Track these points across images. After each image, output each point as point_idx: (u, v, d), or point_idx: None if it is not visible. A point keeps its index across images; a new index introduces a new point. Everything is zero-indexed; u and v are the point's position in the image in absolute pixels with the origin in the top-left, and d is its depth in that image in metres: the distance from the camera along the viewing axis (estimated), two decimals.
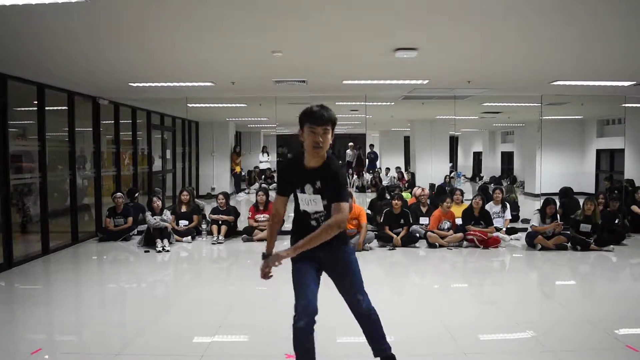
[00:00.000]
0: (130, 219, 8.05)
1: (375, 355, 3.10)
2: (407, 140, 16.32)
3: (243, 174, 15.67)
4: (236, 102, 9.54)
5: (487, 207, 7.89)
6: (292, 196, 2.97)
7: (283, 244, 3.16)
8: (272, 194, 8.38)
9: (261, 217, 8.06)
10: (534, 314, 4.42)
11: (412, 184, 12.80)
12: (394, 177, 14.98)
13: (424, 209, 8.20)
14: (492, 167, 17.65)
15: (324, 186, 2.76)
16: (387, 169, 16.12)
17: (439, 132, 13.49)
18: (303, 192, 2.82)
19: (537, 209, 7.46)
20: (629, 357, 3.46)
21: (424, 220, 7.98)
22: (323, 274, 3.06)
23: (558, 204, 7.98)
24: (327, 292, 3.15)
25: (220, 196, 8.32)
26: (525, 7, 3.73)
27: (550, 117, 10.71)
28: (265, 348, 3.52)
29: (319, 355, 3.09)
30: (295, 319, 2.86)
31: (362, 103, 9.33)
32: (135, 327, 4.10)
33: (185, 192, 8.34)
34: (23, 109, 6.97)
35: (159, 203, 7.73)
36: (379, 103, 9.69)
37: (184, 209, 8.20)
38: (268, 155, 17.03)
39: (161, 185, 11.03)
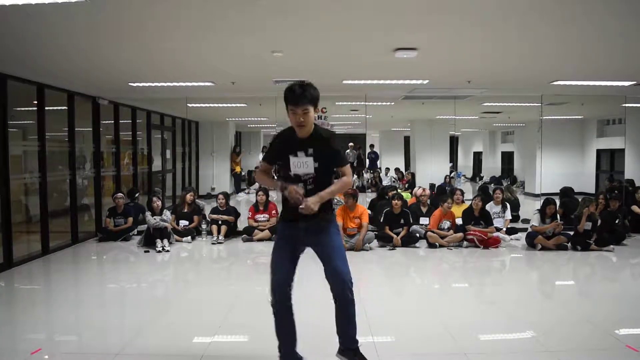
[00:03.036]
0: (130, 219, 8.05)
1: (341, 344, 3.07)
2: (407, 140, 16.32)
3: (243, 174, 15.66)
4: (236, 102, 9.54)
5: (487, 207, 7.88)
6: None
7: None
8: (272, 194, 8.40)
9: (261, 217, 8.06)
10: (534, 314, 4.41)
11: (412, 184, 12.79)
12: (394, 178, 14.98)
13: (424, 209, 8.19)
14: (492, 167, 17.65)
15: (318, 153, 2.94)
16: (387, 169, 16.12)
17: (439, 132, 13.49)
18: (295, 155, 2.96)
19: (537, 209, 7.45)
20: (629, 357, 3.46)
21: (424, 221, 7.98)
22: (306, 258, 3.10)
23: (558, 203, 7.98)
24: (327, 292, 3.15)
25: (220, 196, 8.32)
26: (526, 6, 3.73)
27: (550, 117, 10.72)
28: (265, 348, 3.51)
29: (319, 356, 3.08)
30: (270, 297, 2.99)
31: (362, 103, 9.33)
32: (135, 327, 4.10)
33: (191, 193, 8.35)
34: (23, 108, 6.97)
35: (159, 203, 7.73)
36: (379, 103, 9.69)
37: (186, 209, 8.21)
38: None
39: (161, 185, 11.03)
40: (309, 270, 3.31)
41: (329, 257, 2.98)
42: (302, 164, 2.95)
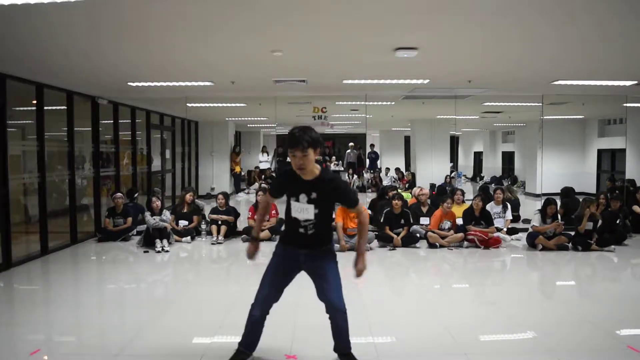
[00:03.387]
0: (129, 219, 8.04)
1: (335, 350, 3.29)
2: (407, 140, 16.31)
3: (243, 174, 15.66)
4: (236, 102, 9.53)
5: (487, 207, 7.88)
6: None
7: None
8: None
9: None
10: (534, 314, 4.40)
11: (412, 184, 12.78)
12: (394, 178, 14.98)
13: (424, 209, 8.19)
14: (492, 167, 17.63)
15: (322, 196, 2.98)
16: (387, 169, 16.11)
17: (439, 132, 13.48)
18: (297, 200, 3.00)
19: (538, 209, 7.44)
20: (629, 357, 3.45)
21: (424, 221, 7.97)
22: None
23: (559, 203, 7.97)
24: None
25: (220, 196, 8.31)
26: (526, 6, 3.72)
27: (551, 117, 10.70)
28: (264, 348, 3.50)
29: (319, 356, 3.08)
30: (253, 306, 3.16)
31: (362, 103, 9.32)
32: (135, 327, 4.09)
33: (191, 193, 8.34)
34: (22, 108, 6.96)
35: (159, 203, 7.72)
36: (379, 103, 9.67)
37: (185, 209, 8.20)
38: (268, 155, 17.02)
39: (160, 185, 11.02)
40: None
41: (324, 289, 3.12)
42: (303, 209, 2.99)
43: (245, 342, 3.27)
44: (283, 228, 3.24)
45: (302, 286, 3.30)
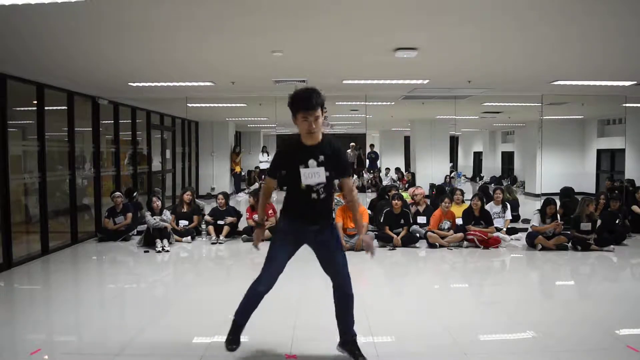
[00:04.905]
0: (129, 215, 8.04)
1: (340, 336, 3.31)
2: (407, 140, 16.31)
3: (243, 174, 15.66)
4: (236, 102, 9.53)
5: (487, 207, 7.88)
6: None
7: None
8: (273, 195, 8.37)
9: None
10: (534, 314, 4.41)
11: (412, 184, 12.80)
12: (393, 178, 14.99)
13: (420, 208, 8.20)
14: (492, 167, 17.64)
15: (327, 159, 3.01)
16: (387, 169, 16.11)
17: (439, 132, 13.49)
18: (306, 166, 3.01)
19: (538, 209, 7.45)
20: (629, 357, 3.45)
21: (421, 220, 7.99)
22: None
23: (559, 204, 7.98)
24: (327, 293, 3.15)
25: (220, 196, 8.31)
26: (526, 6, 3.73)
27: (550, 117, 10.71)
28: (265, 348, 3.51)
29: (319, 356, 3.08)
30: (257, 281, 3.16)
31: (362, 103, 9.33)
32: (135, 327, 4.09)
33: (188, 192, 8.34)
34: (22, 108, 6.97)
35: (159, 203, 7.72)
36: (379, 103, 9.68)
37: (185, 209, 8.20)
38: (268, 155, 17.00)
39: (161, 185, 11.03)
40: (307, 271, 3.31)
41: (332, 268, 3.19)
42: (314, 174, 3.01)
43: (241, 312, 3.24)
44: (286, 205, 3.22)
45: (302, 286, 3.31)
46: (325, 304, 4.13)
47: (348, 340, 3.28)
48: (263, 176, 16.51)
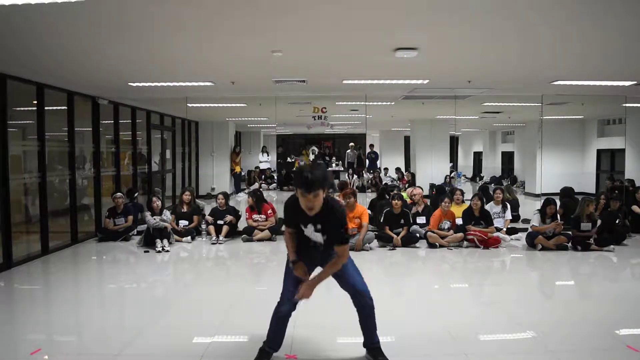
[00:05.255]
0: (130, 217, 8.05)
1: (364, 345, 3.42)
2: (407, 140, 16.32)
3: (243, 174, 15.67)
4: (236, 102, 9.54)
5: (487, 207, 7.88)
6: None
7: (284, 243, 3.15)
8: (267, 194, 8.42)
9: (258, 217, 8.06)
10: (534, 314, 4.41)
11: (412, 184, 12.80)
12: (392, 178, 14.99)
13: (419, 209, 8.21)
14: (492, 167, 17.65)
15: (325, 227, 3.13)
16: (386, 169, 16.12)
17: (439, 132, 13.50)
18: (306, 227, 3.19)
19: (538, 209, 7.45)
20: (629, 357, 3.45)
21: (420, 220, 8.00)
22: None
23: (559, 204, 7.98)
24: (326, 293, 3.15)
25: (220, 196, 8.31)
26: (526, 6, 3.73)
27: (550, 117, 10.71)
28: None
29: (319, 356, 3.08)
30: (280, 303, 3.28)
31: (362, 103, 9.33)
32: (135, 327, 4.09)
33: (187, 192, 8.34)
34: (22, 108, 6.97)
35: (159, 203, 7.73)
36: (379, 103, 9.68)
37: (184, 209, 8.20)
38: (268, 155, 17.04)
39: (161, 185, 11.03)
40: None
41: (344, 278, 3.29)
42: (312, 234, 3.18)
43: (272, 339, 3.32)
44: (297, 241, 3.31)
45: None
46: (325, 303, 4.13)
47: (371, 347, 3.38)
48: (263, 176, 16.55)
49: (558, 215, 7.38)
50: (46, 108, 6.90)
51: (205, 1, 3.57)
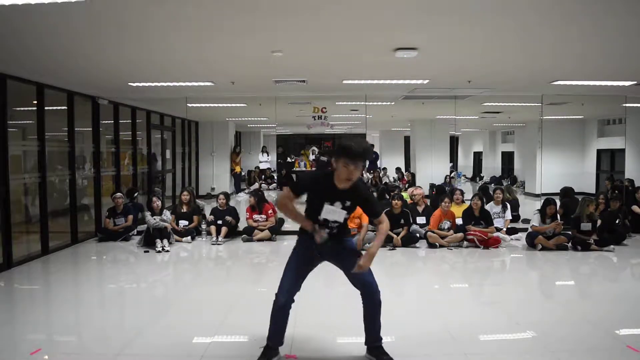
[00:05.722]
0: (130, 217, 8.05)
1: (366, 342, 3.40)
2: (407, 140, 16.32)
3: (243, 174, 15.67)
4: (236, 102, 9.54)
5: (487, 207, 7.88)
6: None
7: (284, 243, 3.15)
8: (267, 194, 8.42)
9: (258, 217, 8.06)
10: (534, 314, 4.41)
11: (412, 184, 12.80)
12: (393, 178, 14.98)
13: (419, 208, 8.20)
14: (492, 167, 17.65)
15: (353, 205, 3.20)
16: (385, 169, 16.10)
17: (439, 132, 13.49)
18: (332, 204, 3.16)
19: (538, 209, 7.45)
20: (629, 357, 3.45)
21: (420, 220, 7.99)
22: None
23: (559, 204, 7.98)
24: (327, 292, 3.14)
25: (221, 196, 8.31)
26: (525, 6, 3.73)
27: (550, 117, 10.71)
28: (262, 345, 3.50)
29: (319, 356, 3.08)
30: (277, 294, 3.25)
31: (362, 103, 9.32)
32: (135, 327, 4.09)
33: (185, 192, 8.33)
34: (22, 108, 6.97)
35: (159, 203, 7.73)
36: (379, 103, 9.68)
37: (184, 209, 8.20)
38: (268, 155, 17.04)
39: (161, 185, 11.02)
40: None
41: (360, 275, 3.24)
42: (335, 212, 3.17)
43: (272, 334, 3.30)
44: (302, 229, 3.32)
45: (302, 286, 3.31)
46: (325, 303, 4.13)
47: (373, 345, 3.37)
48: (263, 176, 16.54)
49: (558, 215, 7.39)
50: (46, 108, 6.90)
51: (205, 1, 3.57)
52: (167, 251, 7.15)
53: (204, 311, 4.55)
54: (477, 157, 18.89)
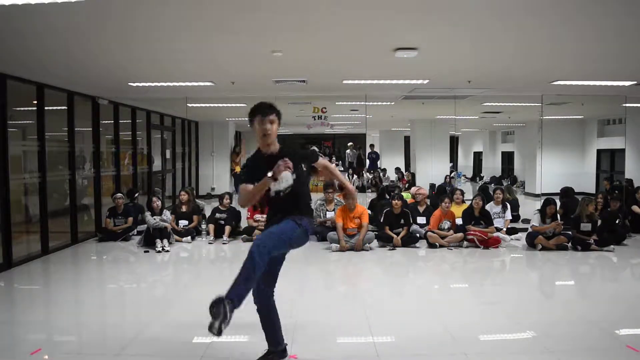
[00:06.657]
0: (130, 219, 8.05)
1: (271, 346, 3.29)
2: (407, 140, 16.32)
3: None
4: (236, 102, 9.53)
5: (487, 207, 7.88)
6: None
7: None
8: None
9: (259, 217, 8.05)
10: (534, 314, 4.41)
11: (412, 184, 12.80)
12: (392, 179, 14.98)
13: (420, 208, 8.20)
14: (492, 167, 17.65)
15: (292, 161, 3.00)
16: (384, 170, 16.10)
17: (439, 132, 13.50)
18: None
19: (538, 209, 7.45)
20: (629, 357, 3.45)
21: (421, 220, 7.99)
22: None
23: (559, 204, 7.98)
24: (327, 292, 3.15)
25: (227, 196, 8.30)
26: (525, 7, 3.73)
27: (550, 117, 10.71)
28: (265, 348, 3.51)
29: (319, 356, 3.08)
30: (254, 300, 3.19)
31: (362, 103, 9.33)
32: (135, 327, 4.09)
33: (183, 192, 8.33)
34: (22, 108, 6.97)
35: (159, 203, 7.72)
36: (379, 103, 9.69)
37: (184, 209, 8.20)
38: None
39: (161, 185, 11.03)
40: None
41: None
42: (281, 180, 2.94)
43: (268, 336, 3.30)
44: (267, 214, 3.33)
45: (302, 286, 3.31)
46: (324, 303, 4.13)
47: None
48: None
49: (558, 215, 7.39)
50: (46, 108, 6.90)
51: (205, 1, 3.58)
52: (167, 251, 7.15)
53: (204, 311, 4.53)
54: (477, 157, 18.89)
